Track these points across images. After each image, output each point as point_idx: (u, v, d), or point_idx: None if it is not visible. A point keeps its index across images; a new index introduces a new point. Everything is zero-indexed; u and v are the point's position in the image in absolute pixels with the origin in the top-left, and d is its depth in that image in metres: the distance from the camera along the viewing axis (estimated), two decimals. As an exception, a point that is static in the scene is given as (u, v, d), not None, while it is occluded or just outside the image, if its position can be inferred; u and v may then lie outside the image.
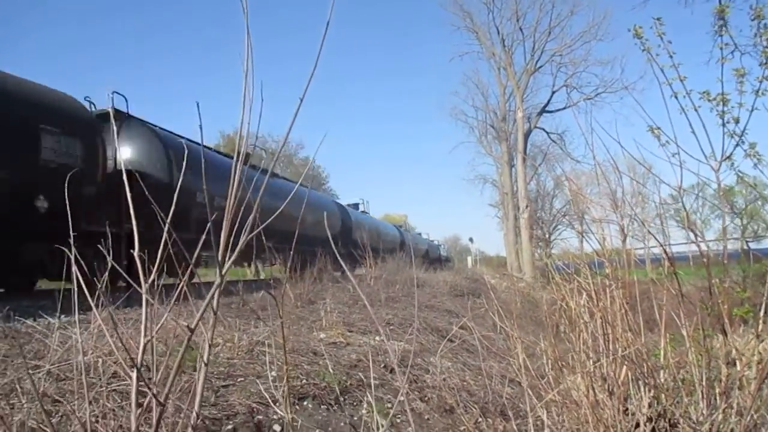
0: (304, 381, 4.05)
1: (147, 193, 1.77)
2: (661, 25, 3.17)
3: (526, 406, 2.93)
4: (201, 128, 1.30)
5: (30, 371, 3.35)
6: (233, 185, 1.27)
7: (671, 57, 3.00)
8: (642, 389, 2.73)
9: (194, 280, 2.13)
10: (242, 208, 1.36)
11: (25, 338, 4.31)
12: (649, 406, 2.70)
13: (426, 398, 4.26)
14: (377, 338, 6.08)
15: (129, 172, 9.24)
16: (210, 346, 1.28)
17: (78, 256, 1.67)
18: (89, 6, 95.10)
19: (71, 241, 1.73)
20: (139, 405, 1.38)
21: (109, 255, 2.11)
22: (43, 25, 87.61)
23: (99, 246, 2.20)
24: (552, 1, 31.59)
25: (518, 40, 33.01)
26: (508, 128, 34.98)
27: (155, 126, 11.24)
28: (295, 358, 4.52)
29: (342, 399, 3.97)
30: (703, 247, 2.96)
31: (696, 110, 3.00)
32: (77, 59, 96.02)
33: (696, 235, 3.05)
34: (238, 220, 1.36)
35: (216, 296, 1.25)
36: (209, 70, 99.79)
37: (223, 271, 1.22)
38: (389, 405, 3.99)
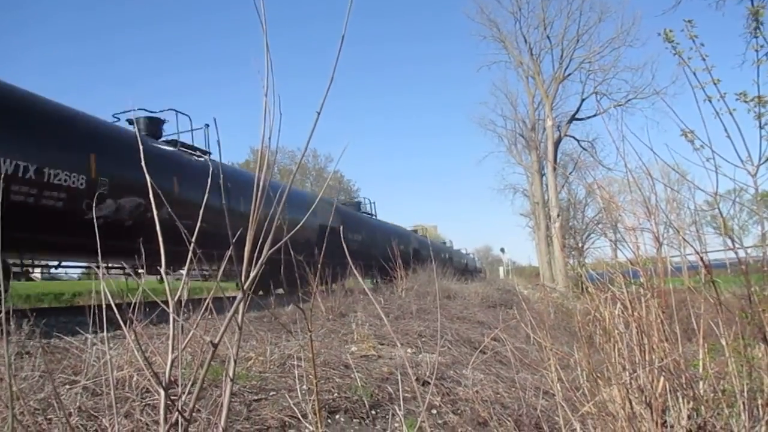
0: (336, 394, 4.04)
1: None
2: (693, 27, 3.10)
3: (561, 419, 2.87)
4: (219, 143, 1.31)
5: (66, 386, 3.41)
6: (256, 198, 1.28)
7: (704, 60, 2.93)
8: (681, 401, 2.65)
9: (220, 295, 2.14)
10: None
11: (62, 354, 4.39)
12: (689, 418, 2.62)
13: (459, 411, 4.21)
14: (409, 351, 6.05)
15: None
16: (235, 361, 1.28)
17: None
18: (110, 20, 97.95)
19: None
20: (168, 420, 1.38)
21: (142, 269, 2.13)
22: (68, 36, 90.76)
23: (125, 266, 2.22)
24: (579, 8, 31.36)
25: (546, 48, 32.83)
26: (538, 137, 34.68)
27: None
28: (327, 372, 4.51)
29: (374, 413, 3.94)
30: (742, 253, 2.87)
31: (731, 113, 2.92)
32: (102, 73, 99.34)
33: (734, 242, 2.96)
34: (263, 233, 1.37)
35: (241, 311, 1.26)
36: (239, 82, 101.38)
37: (245, 285, 1.22)
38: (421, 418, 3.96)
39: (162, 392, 1.25)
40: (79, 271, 16.76)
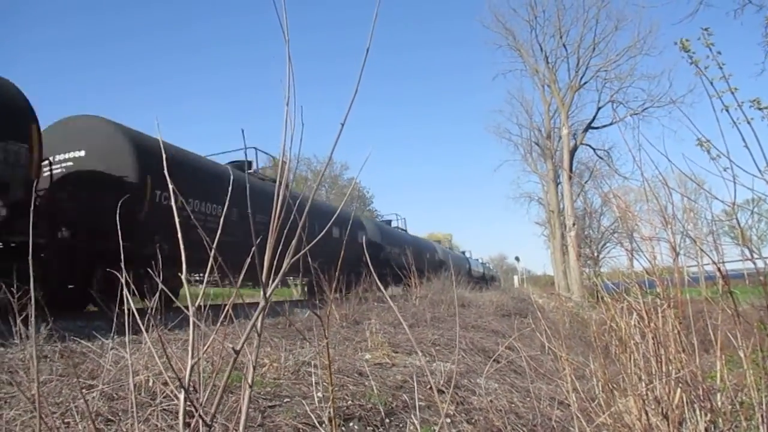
0: (350, 402, 4.04)
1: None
2: (710, 35, 3.08)
3: (576, 430, 2.85)
4: (245, 153, 1.33)
5: (84, 391, 3.45)
6: (276, 208, 1.30)
7: (721, 68, 2.91)
8: (698, 413, 2.63)
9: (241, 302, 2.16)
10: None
11: (80, 358, 4.44)
12: (706, 430, 2.59)
13: (473, 420, 4.19)
14: (423, 359, 6.03)
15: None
16: (254, 367, 1.30)
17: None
18: (129, 22, 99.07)
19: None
20: (187, 425, 1.40)
21: (159, 276, 2.16)
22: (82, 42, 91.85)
23: (149, 269, 2.27)
24: (596, 16, 31.19)
25: (562, 56, 32.68)
26: (554, 145, 34.53)
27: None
28: (341, 379, 4.52)
29: (388, 421, 3.94)
30: (760, 264, 2.85)
31: (749, 122, 2.89)
32: (119, 75, 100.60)
33: (752, 252, 2.93)
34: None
35: (260, 318, 1.27)
36: (259, 89, 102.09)
37: (267, 293, 1.24)
38: (436, 427, 3.94)
39: (182, 396, 1.27)
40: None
